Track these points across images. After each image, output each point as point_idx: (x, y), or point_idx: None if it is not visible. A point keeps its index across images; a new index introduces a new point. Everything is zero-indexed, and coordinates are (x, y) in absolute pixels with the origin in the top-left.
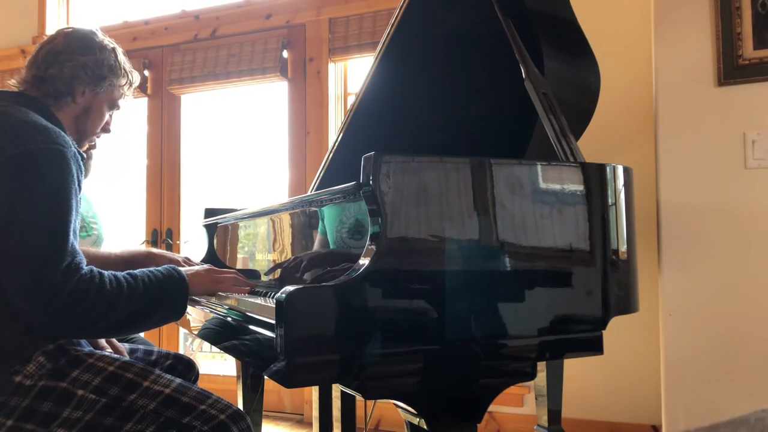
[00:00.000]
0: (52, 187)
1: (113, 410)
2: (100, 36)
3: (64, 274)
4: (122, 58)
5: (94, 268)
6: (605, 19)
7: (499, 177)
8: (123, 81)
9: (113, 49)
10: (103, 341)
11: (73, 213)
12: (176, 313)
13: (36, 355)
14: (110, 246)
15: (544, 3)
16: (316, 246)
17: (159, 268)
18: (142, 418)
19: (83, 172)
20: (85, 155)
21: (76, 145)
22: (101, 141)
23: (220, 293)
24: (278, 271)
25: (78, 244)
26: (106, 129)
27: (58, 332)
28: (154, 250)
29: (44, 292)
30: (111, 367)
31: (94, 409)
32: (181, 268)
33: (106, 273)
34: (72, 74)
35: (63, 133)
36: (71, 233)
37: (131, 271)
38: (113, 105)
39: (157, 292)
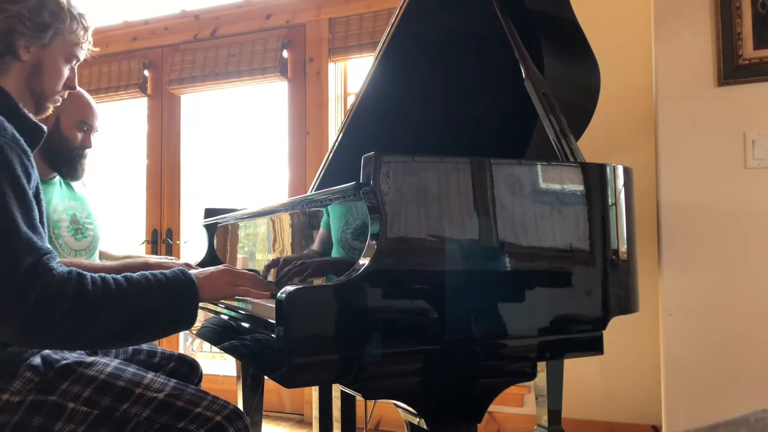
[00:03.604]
0: None
1: (106, 421)
2: None
3: (27, 275)
4: (65, 1)
5: (74, 269)
6: (605, 19)
7: (499, 177)
8: (74, 26)
9: None
10: None
11: (14, 206)
12: (182, 322)
13: (22, 369)
14: (105, 250)
15: (544, 3)
16: (316, 246)
17: (164, 271)
18: (137, 426)
19: (29, 156)
20: (43, 128)
21: (16, 124)
22: (101, 140)
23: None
24: (278, 272)
25: (43, 241)
26: (69, 86)
27: (35, 345)
28: (151, 258)
29: (8, 299)
30: (102, 375)
31: (86, 422)
32: (192, 271)
33: (88, 274)
34: (7, 28)
35: None
36: (23, 228)
37: (128, 273)
38: (71, 57)
39: (158, 297)
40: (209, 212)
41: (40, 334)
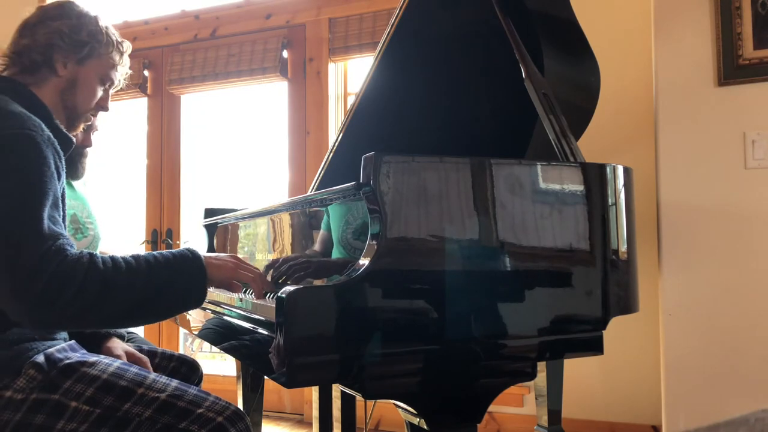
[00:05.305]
0: (20, 171)
1: (108, 420)
2: (79, 5)
3: (42, 257)
4: (104, 24)
5: (86, 251)
6: (605, 19)
7: (499, 177)
8: (110, 49)
9: (95, 16)
10: (119, 351)
11: (48, 197)
12: (191, 298)
13: (26, 367)
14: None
15: (544, 3)
16: (316, 246)
17: (171, 250)
18: (138, 426)
19: (61, 158)
20: (73, 139)
21: (50, 130)
22: (101, 140)
23: (234, 285)
24: (278, 272)
25: (62, 230)
26: (102, 107)
27: (48, 324)
28: None
29: (21, 278)
30: (104, 375)
31: (88, 420)
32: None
33: (99, 254)
34: (47, 42)
35: (33, 117)
36: (46, 218)
37: (136, 253)
38: (106, 78)
39: (167, 272)
40: (209, 212)
41: (53, 312)
